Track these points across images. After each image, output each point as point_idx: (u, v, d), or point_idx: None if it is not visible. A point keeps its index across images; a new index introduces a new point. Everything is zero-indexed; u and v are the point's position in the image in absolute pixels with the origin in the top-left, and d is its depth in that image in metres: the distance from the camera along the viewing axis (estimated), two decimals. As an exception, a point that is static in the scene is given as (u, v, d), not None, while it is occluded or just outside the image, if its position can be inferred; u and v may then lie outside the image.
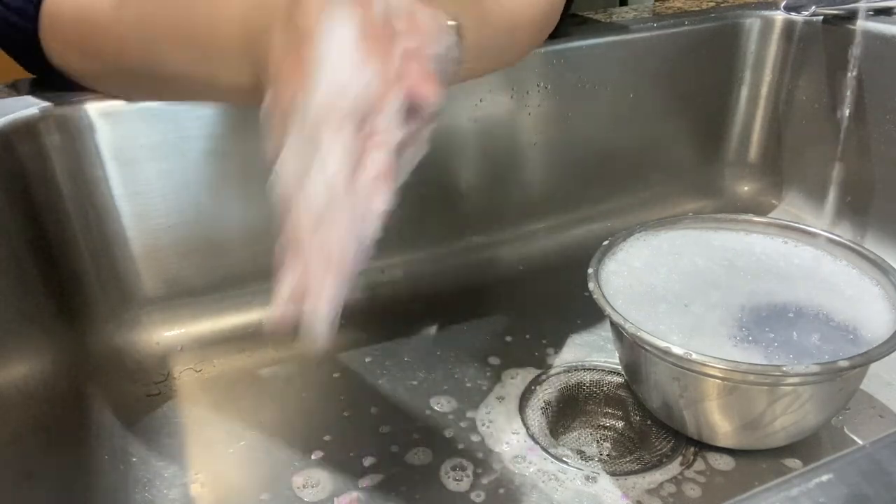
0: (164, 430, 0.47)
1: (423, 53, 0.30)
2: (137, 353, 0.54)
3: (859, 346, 0.40)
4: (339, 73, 0.28)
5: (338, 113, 0.27)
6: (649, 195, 0.70)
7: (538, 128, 0.63)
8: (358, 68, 0.28)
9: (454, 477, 0.43)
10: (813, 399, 0.40)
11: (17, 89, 0.51)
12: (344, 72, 0.28)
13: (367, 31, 0.28)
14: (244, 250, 0.56)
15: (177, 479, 0.44)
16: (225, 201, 0.54)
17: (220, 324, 0.56)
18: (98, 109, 0.49)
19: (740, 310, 0.43)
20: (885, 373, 0.48)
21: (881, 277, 0.45)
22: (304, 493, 0.42)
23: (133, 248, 0.53)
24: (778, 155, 0.71)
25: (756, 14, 0.68)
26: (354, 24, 0.28)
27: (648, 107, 0.67)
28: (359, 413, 0.48)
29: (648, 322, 0.42)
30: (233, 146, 0.53)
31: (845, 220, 0.64)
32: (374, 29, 0.29)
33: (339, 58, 0.28)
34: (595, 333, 0.54)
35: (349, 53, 0.28)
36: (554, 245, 0.66)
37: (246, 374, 0.52)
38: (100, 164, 0.50)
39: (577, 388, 0.49)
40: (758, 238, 0.50)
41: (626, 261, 0.48)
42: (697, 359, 0.38)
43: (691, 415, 0.42)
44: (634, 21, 0.66)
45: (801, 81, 0.67)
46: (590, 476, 0.43)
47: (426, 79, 0.29)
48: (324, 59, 0.28)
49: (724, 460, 0.43)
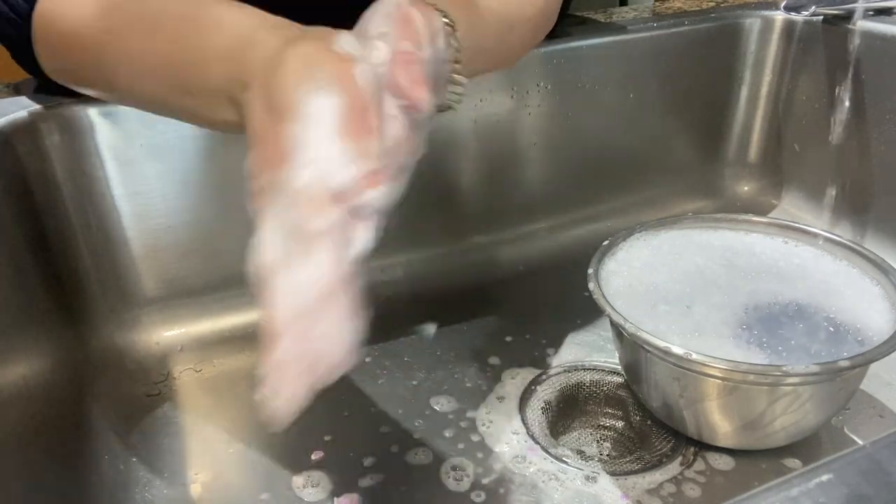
0: (164, 430, 0.47)
1: (416, 57, 0.30)
2: (137, 353, 0.54)
3: (859, 345, 0.40)
4: (321, 159, 0.27)
5: (320, 198, 0.27)
6: (649, 195, 0.70)
7: (538, 128, 0.63)
8: (339, 154, 0.27)
9: (454, 477, 0.43)
10: (813, 399, 0.40)
11: (17, 89, 0.51)
12: (325, 158, 0.27)
13: (347, 113, 0.27)
14: (244, 250, 0.56)
15: (177, 479, 0.44)
16: (225, 201, 0.54)
17: (220, 324, 0.56)
18: (98, 109, 0.49)
19: (741, 309, 0.43)
20: (885, 373, 0.48)
21: (881, 277, 0.45)
22: (304, 493, 0.42)
23: (133, 248, 0.53)
24: (778, 155, 0.71)
25: (756, 14, 0.68)
26: (334, 105, 0.27)
27: (648, 107, 0.67)
28: (359, 413, 0.48)
29: (648, 322, 0.42)
30: (233, 146, 0.53)
31: (845, 219, 0.64)
32: (356, 108, 0.28)
33: (319, 142, 0.27)
34: (595, 333, 0.54)
35: (329, 138, 0.27)
36: (554, 245, 0.66)
37: (246, 374, 0.52)
38: (100, 164, 0.50)
39: (577, 388, 0.49)
40: (758, 237, 0.50)
41: (627, 261, 0.48)
42: (697, 359, 0.38)
43: (691, 415, 0.42)
44: (634, 21, 0.66)
45: (801, 81, 0.67)
46: (590, 476, 0.42)
47: (418, 84, 0.29)
48: (303, 142, 0.27)
49: (723, 460, 0.43)
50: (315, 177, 0.27)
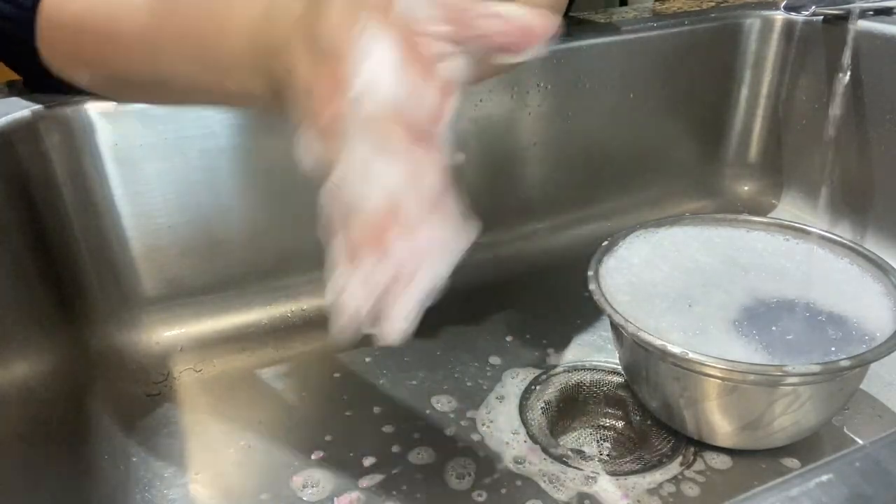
0: (164, 430, 0.47)
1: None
2: (137, 353, 0.54)
3: (859, 345, 0.40)
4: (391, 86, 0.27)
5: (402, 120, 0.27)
6: (649, 195, 0.70)
7: (538, 128, 0.63)
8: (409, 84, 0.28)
9: (455, 476, 0.43)
10: (813, 399, 0.40)
11: (18, 89, 0.51)
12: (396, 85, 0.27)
13: (407, 51, 0.28)
14: (244, 250, 0.56)
15: (177, 479, 0.44)
16: (225, 201, 0.54)
17: (220, 324, 0.56)
18: (98, 109, 0.49)
19: (742, 307, 0.43)
20: (885, 373, 0.48)
21: (882, 277, 0.45)
22: (304, 493, 0.42)
23: (133, 248, 0.53)
24: (778, 155, 0.71)
25: (756, 14, 0.68)
26: (394, 43, 0.28)
27: (648, 107, 0.67)
28: (359, 413, 0.48)
29: (649, 320, 0.42)
30: (233, 146, 0.53)
31: (845, 219, 0.64)
32: (413, 48, 0.28)
33: (387, 74, 0.28)
34: (595, 333, 0.54)
35: (396, 71, 0.28)
36: (554, 245, 0.66)
37: (246, 374, 0.52)
38: (100, 164, 0.50)
39: (577, 388, 0.49)
40: (759, 235, 0.50)
41: (627, 258, 0.48)
42: (697, 359, 0.38)
43: (691, 415, 0.42)
44: (634, 21, 0.66)
45: (801, 81, 0.67)
46: (590, 476, 0.42)
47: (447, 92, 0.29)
48: (370, 74, 0.28)
49: (723, 460, 0.43)
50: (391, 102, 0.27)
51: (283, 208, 0.56)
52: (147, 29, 0.38)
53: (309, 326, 0.57)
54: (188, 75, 0.37)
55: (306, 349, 0.55)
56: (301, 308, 0.58)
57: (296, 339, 0.56)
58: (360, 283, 0.27)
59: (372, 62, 0.28)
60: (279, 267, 0.57)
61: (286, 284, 0.58)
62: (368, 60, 0.28)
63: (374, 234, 0.27)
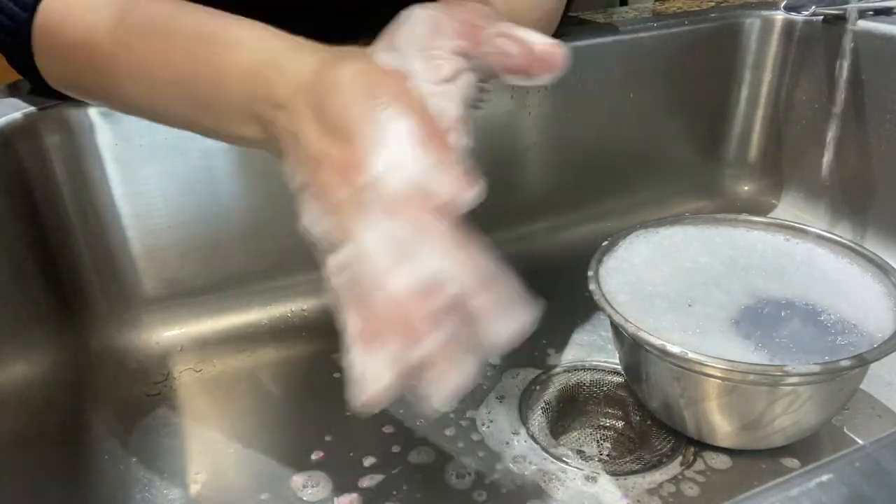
0: (164, 430, 0.47)
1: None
2: (137, 353, 0.54)
3: (860, 345, 0.40)
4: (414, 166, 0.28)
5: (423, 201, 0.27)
6: (649, 195, 0.70)
7: (538, 128, 0.63)
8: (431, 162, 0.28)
9: (455, 476, 0.43)
10: (813, 399, 0.40)
11: (18, 89, 0.51)
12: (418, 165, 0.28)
13: (421, 127, 0.28)
14: (244, 250, 0.56)
15: (177, 479, 0.44)
16: (225, 201, 0.54)
17: (220, 324, 0.56)
18: (98, 109, 0.49)
19: (742, 307, 0.43)
20: (885, 373, 0.48)
21: (882, 277, 0.45)
22: (304, 493, 0.42)
23: (133, 248, 0.53)
24: (778, 155, 0.71)
25: (756, 14, 0.68)
26: (414, 123, 0.28)
27: (648, 107, 0.67)
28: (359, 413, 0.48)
29: (649, 320, 0.42)
30: (233, 147, 0.53)
31: (845, 219, 0.64)
32: (426, 121, 0.29)
33: (408, 154, 0.28)
34: (595, 333, 0.54)
35: (417, 150, 0.28)
36: (554, 245, 0.66)
37: (246, 374, 0.52)
38: (100, 164, 0.50)
39: (577, 388, 0.49)
40: (759, 235, 0.50)
41: (627, 258, 0.48)
42: (697, 359, 0.38)
43: (691, 415, 0.42)
44: (634, 21, 0.66)
45: (801, 81, 0.67)
46: (590, 476, 0.42)
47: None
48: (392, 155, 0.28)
49: (723, 460, 0.43)
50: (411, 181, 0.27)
51: (283, 208, 0.56)
52: (142, 61, 0.37)
53: (309, 326, 0.57)
54: (184, 115, 0.37)
55: (306, 349, 0.55)
56: (301, 308, 0.58)
57: (296, 339, 0.56)
58: (387, 363, 0.26)
59: (392, 143, 0.28)
60: (279, 267, 0.57)
61: (286, 284, 0.58)
62: (388, 141, 0.28)
63: (400, 313, 0.26)
